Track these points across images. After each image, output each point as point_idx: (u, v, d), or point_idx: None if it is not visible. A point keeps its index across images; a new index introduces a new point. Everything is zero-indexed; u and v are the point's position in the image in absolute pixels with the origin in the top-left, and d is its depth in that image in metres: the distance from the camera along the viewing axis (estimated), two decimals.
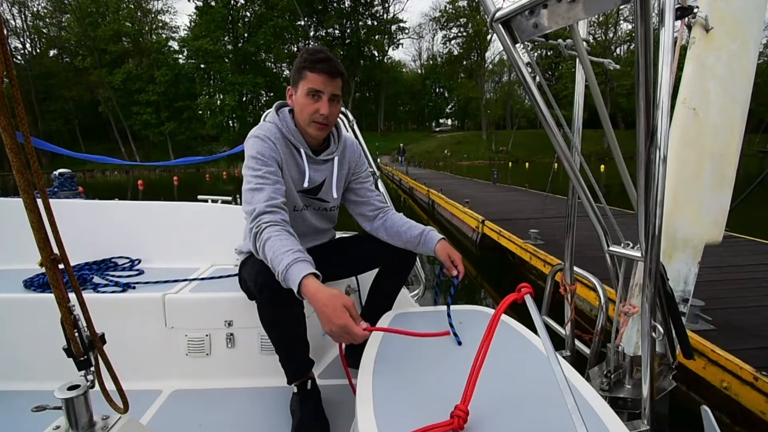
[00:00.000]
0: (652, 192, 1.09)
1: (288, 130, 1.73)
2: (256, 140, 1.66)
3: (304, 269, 1.32)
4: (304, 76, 1.64)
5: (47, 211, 0.83)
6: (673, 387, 1.55)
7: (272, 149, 1.67)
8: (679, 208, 1.56)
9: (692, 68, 1.54)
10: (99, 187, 29.35)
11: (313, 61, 1.62)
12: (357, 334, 1.24)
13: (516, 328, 1.49)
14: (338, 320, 1.23)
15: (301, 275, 1.30)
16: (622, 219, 1.60)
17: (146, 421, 1.69)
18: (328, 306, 1.24)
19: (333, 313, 1.23)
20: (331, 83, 1.65)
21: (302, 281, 1.29)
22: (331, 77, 1.64)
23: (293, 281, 1.31)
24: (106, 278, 2.29)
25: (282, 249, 1.38)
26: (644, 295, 1.24)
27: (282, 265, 1.35)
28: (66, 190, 4.26)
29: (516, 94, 59.40)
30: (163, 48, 52.59)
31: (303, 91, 1.66)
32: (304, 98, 1.66)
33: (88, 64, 48.60)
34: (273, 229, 1.46)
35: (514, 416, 1.04)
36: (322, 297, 1.26)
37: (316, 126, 1.69)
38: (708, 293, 3.76)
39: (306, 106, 1.67)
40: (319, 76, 1.63)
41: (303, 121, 1.71)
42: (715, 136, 1.54)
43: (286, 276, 1.33)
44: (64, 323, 0.89)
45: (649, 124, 1.01)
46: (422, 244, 1.78)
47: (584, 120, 1.71)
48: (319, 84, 1.63)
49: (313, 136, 1.75)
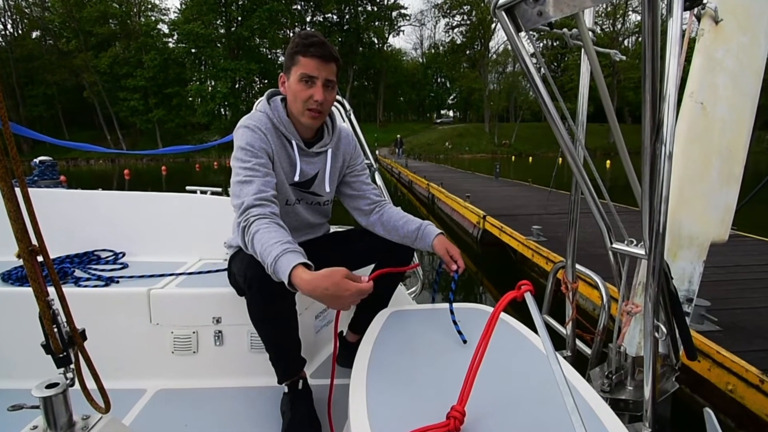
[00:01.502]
0: (657, 188, 1.09)
1: (279, 120, 1.72)
2: (246, 130, 1.65)
3: (293, 259, 1.31)
4: (297, 61, 1.63)
5: (26, 201, 0.83)
6: (676, 389, 1.56)
7: (262, 140, 1.66)
8: (684, 205, 1.56)
9: (700, 61, 1.53)
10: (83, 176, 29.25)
11: (305, 45, 1.60)
12: (368, 289, 1.30)
13: (515, 327, 1.50)
14: (347, 292, 1.27)
15: (290, 266, 1.29)
16: (626, 216, 1.61)
17: (129, 421, 1.69)
18: (329, 287, 1.26)
19: (337, 289, 1.26)
20: (325, 68, 1.63)
21: (292, 272, 1.29)
22: (325, 62, 1.62)
23: (283, 272, 1.30)
24: (88, 272, 2.28)
25: (270, 241, 1.38)
26: (647, 294, 1.24)
27: (270, 257, 1.34)
28: (47, 179, 4.21)
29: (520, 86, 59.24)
30: (152, 31, 52.37)
31: (296, 77, 1.64)
32: (297, 84, 1.64)
33: (72, 46, 48.34)
34: (261, 222, 1.45)
35: (512, 417, 1.04)
36: (319, 282, 1.26)
37: (310, 114, 1.68)
38: (713, 293, 3.78)
39: (299, 92, 1.65)
40: (312, 61, 1.61)
41: (296, 109, 1.69)
42: (722, 132, 1.54)
43: (275, 268, 1.33)
44: (43, 318, 0.89)
45: (655, 118, 1.01)
46: (419, 239, 1.78)
47: (590, 113, 1.71)
48: (313, 69, 1.62)
49: (306, 126, 1.74)
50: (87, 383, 0.99)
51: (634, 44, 51.24)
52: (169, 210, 2.76)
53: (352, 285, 1.28)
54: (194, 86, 51.72)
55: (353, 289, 1.27)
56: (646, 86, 0.96)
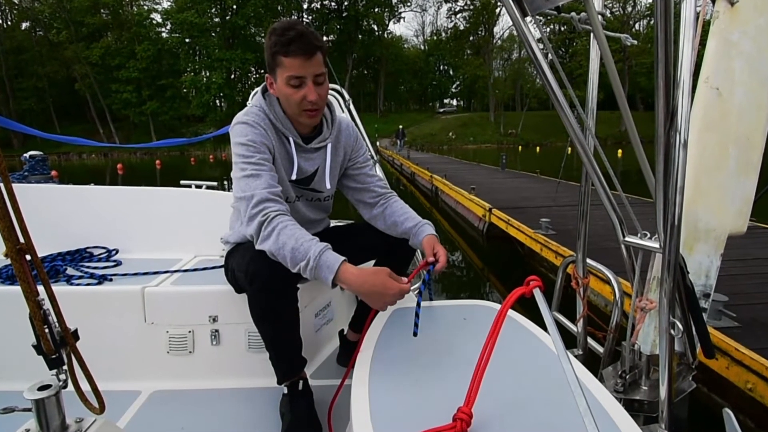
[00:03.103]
0: (672, 178, 1.08)
1: (276, 116, 1.70)
2: (245, 126, 1.64)
3: (339, 256, 1.42)
4: (280, 62, 1.58)
5: (10, 197, 0.82)
6: (693, 388, 1.55)
7: (263, 135, 1.64)
8: (700, 195, 1.55)
9: (716, 44, 1.52)
10: (75, 171, 29.32)
11: (284, 43, 1.54)
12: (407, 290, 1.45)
13: (524, 325, 1.49)
14: (391, 290, 1.40)
15: (339, 260, 1.40)
16: (640, 208, 1.60)
17: (124, 423, 1.69)
18: (376, 284, 1.39)
19: (384, 287, 1.40)
20: (311, 63, 1.58)
21: (341, 266, 1.39)
22: (310, 56, 1.57)
23: (329, 267, 1.39)
24: (80, 270, 2.28)
25: (305, 237, 1.45)
26: (662, 290, 1.23)
27: (312, 252, 1.40)
28: (37, 174, 4.22)
29: (526, 73, 59.17)
30: (144, 21, 52.34)
31: (282, 80, 1.61)
32: (286, 87, 1.61)
33: (63, 37, 48.38)
34: (285, 219, 1.49)
35: (521, 419, 1.04)
36: (367, 278, 1.40)
37: (307, 114, 1.66)
38: (731, 288, 3.77)
39: (290, 96, 1.62)
40: (296, 60, 1.56)
41: (292, 112, 1.68)
42: (740, 119, 1.52)
43: (319, 262, 1.40)
44: (33, 318, 0.89)
45: (668, 104, 1.00)
46: (413, 236, 1.80)
47: (600, 101, 1.70)
48: (298, 69, 1.57)
49: (305, 124, 1.74)
50: (81, 385, 0.99)
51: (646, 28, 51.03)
52: (164, 205, 2.76)
53: (395, 285, 1.41)
54: (189, 77, 51.78)
55: (396, 289, 1.40)
56: (658, 71, 0.95)
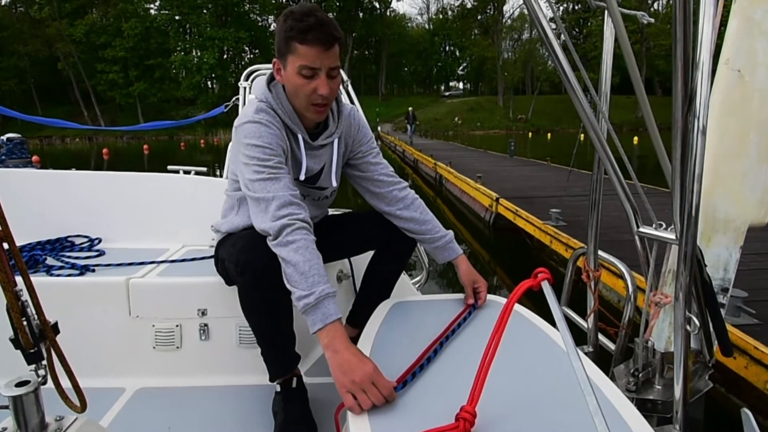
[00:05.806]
0: (689, 165, 1.07)
1: (284, 111, 1.66)
2: (259, 126, 1.58)
3: (338, 312, 1.32)
4: (293, 49, 1.53)
5: None
6: (709, 388, 1.56)
7: (278, 137, 1.60)
8: (719, 184, 1.55)
9: (737, 24, 1.50)
10: (58, 155, 29.36)
11: (302, 30, 1.50)
12: (385, 385, 1.16)
13: (531, 320, 1.50)
14: (366, 366, 1.18)
15: (335, 316, 1.31)
16: (655, 198, 1.60)
17: (107, 422, 1.69)
18: (358, 369, 1.18)
19: (359, 361, 1.21)
20: (328, 55, 1.55)
21: (333, 323, 1.30)
22: (327, 48, 1.53)
23: (323, 316, 1.30)
24: (61, 259, 2.28)
25: (320, 270, 1.37)
26: (678, 284, 1.23)
27: (319, 290, 1.32)
28: (15, 158, 4.20)
29: (537, 54, 58.82)
30: None
31: (294, 69, 1.56)
32: (297, 77, 1.57)
33: (45, 14, 48.16)
34: (309, 236, 1.43)
35: (528, 419, 1.04)
36: (352, 357, 1.23)
37: (315, 109, 1.63)
38: (751, 283, 3.76)
39: (300, 86, 1.58)
40: (312, 49, 1.52)
41: (299, 104, 1.64)
42: (762, 103, 1.51)
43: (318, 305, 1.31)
44: (11, 310, 0.89)
45: (686, 88, 0.99)
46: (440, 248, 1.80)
47: (615, 85, 1.69)
48: (314, 59, 1.53)
49: (311, 119, 1.71)
50: (61, 381, 0.99)
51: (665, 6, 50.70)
52: (150, 192, 2.75)
53: (385, 382, 1.16)
54: (178, 57, 51.58)
55: (371, 368, 1.18)
56: (676, 52, 0.94)
